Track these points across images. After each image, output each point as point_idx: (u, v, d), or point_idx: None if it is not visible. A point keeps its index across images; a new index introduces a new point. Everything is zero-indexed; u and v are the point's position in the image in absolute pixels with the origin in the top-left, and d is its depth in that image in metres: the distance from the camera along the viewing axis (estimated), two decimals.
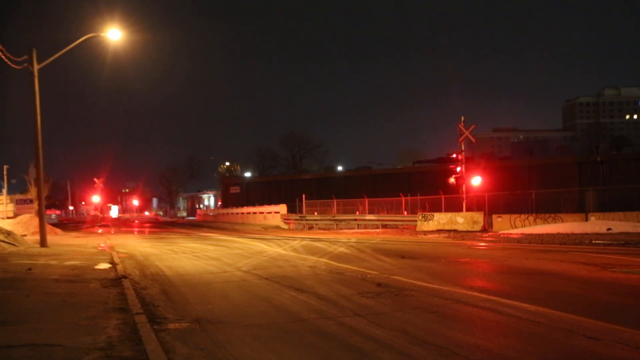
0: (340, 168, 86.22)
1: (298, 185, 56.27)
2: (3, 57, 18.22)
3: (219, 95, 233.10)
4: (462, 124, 30.83)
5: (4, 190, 43.26)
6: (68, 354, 5.63)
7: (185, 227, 47.18)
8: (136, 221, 74.07)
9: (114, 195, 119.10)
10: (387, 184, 49.83)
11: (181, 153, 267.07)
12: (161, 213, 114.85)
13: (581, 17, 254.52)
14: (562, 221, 26.85)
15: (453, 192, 31.87)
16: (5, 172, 45.37)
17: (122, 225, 56.39)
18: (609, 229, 23.38)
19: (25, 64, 19.76)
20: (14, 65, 18.99)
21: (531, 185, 37.04)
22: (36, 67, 20.02)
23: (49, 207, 58.48)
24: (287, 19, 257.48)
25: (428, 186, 40.22)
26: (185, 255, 17.04)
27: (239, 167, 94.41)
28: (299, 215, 43.23)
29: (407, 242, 22.86)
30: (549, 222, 27.15)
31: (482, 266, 13.54)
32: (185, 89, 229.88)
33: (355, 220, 37.11)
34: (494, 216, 29.48)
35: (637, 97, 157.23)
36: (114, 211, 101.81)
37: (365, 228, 35.28)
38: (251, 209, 55.75)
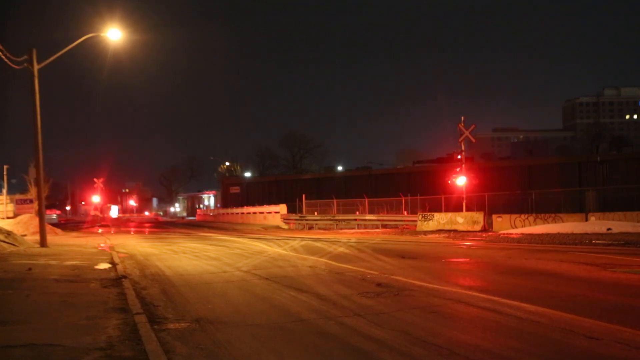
0: (340, 168, 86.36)
1: (298, 185, 56.28)
2: (3, 57, 18.22)
3: (219, 95, 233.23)
4: (462, 124, 30.83)
5: (4, 190, 43.23)
6: (68, 354, 5.63)
7: (185, 227, 47.18)
8: (136, 221, 74.08)
9: (114, 195, 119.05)
10: (387, 184, 49.82)
11: (181, 153, 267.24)
12: (161, 213, 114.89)
13: (581, 17, 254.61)
14: (562, 221, 26.84)
15: (453, 192, 31.87)
16: (5, 172, 45.35)
17: (122, 225, 56.37)
18: (609, 229, 23.37)
19: (25, 64, 19.76)
20: (14, 65, 18.99)
21: (531, 185, 37.04)
22: (36, 67, 20.01)
23: (49, 207, 58.42)
24: (287, 19, 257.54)
25: (428, 186, 40.20)
26: (185, 255, 17.03)
27: (239, 167, 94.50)
28: (299, 215, 43.22)
29: (407, 242, 22.85)
30: (549, 222, 27.14)
31: (482, 266, 13.54)
32: (185, 88, 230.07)
33: (355, 220, 37.10)
34: (494, 216, 29.47)
35: (637, 97, 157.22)
36: (114, 211, 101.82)
37: (365, 228, 35.28)
38: (251, 209, 55.75)
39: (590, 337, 6.21)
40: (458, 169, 30.62)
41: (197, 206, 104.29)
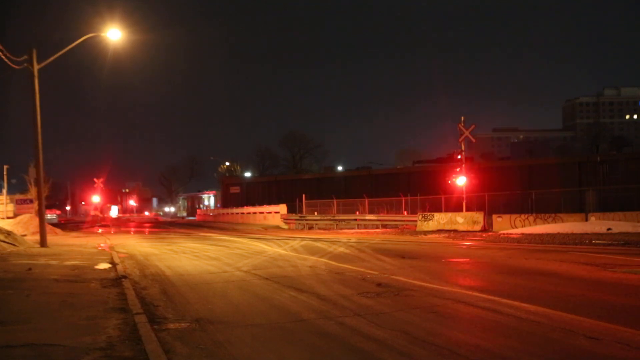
0: (340, 168, 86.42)
1: (298, 185, 56.22)
2: (3, 57, 18.22)
3: (219, 95, 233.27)
4: (462, 124, 30.83)
5: (4, 190, 43.26)
6: (68, 354, 5.63)
7: (185, 227, 47.16)
8: (136, 221, 74.07)
9: (114, 195, 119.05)
10: (387, 184, 49.81)
11: (181, 153, 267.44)
12: (161, 213, 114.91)
13: (581, 17, 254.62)
14: (562, 221, 26.84)
15: (453, 192, 31.87)
16: (5, 172, 45.38)
17: (122, 225, 56.35)
18: (609, 229, 23.37)
19: (25, 64, 19.76)
20: (14, 65, 19.00)
21: (531, 185, 37.02)
22: (36, 67, 20.01)
23: (49, 207, 58.41)
24: (287, 19, 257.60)
25: (428, 186, 40.17)
26: (185, 255, 17.04)
27: (239, 167, 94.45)
28: (299, 215, 43.21)
29: (407, 242, 22.85)
30: (549, 222, 27.14)
31: (482, 266, 13.54)
32: (185, 88, 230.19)
33: (355, 220, 37.10)
34: (494, 216, 29.47)
35: (637, 97, 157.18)
36: (114, 211, 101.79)
37: (365, 228, 35.28)
38: (251, 209, 55.73)
39: (590, 337, 6.21)
40: (458, 169, 30.63)
41: (197, 206, 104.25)
